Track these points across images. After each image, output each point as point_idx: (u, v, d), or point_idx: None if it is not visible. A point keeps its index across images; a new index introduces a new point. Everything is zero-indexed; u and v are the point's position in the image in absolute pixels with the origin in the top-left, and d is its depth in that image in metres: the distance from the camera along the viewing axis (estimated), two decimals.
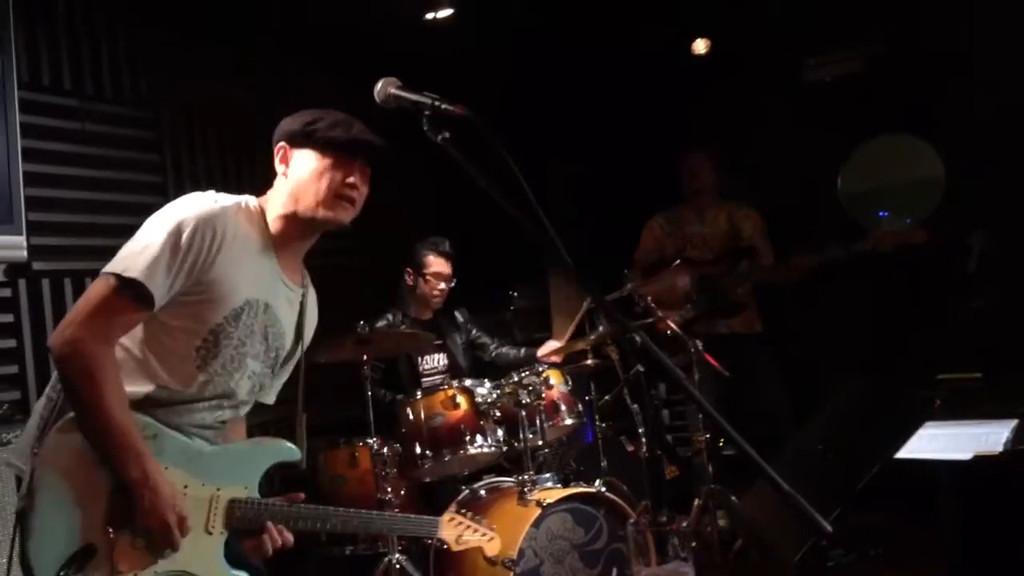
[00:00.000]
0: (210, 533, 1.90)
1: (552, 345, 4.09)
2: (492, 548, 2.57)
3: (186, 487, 1.87)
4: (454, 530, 2.48)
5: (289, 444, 2.06)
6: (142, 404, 1.83)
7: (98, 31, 3.70)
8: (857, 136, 4.99)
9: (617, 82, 5.21)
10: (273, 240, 1.99)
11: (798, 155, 4.79)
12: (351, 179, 1.96)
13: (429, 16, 4.68)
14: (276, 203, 2.00)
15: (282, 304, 2.03)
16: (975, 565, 2.37)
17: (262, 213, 1.99)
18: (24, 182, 3.10)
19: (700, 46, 5.24)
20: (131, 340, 1.85)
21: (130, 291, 1.77)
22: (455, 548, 2.49)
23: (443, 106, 1.65)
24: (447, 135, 1.64)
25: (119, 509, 1.77)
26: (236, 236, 1.88)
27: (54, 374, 1.86)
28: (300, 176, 1.96)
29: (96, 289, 1.79)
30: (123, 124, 3.76)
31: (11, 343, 3.27)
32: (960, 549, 2.41)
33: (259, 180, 2.20)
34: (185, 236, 1.80)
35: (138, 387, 1.84)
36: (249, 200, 2.00)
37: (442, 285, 4.11)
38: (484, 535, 2.54)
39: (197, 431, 1.93)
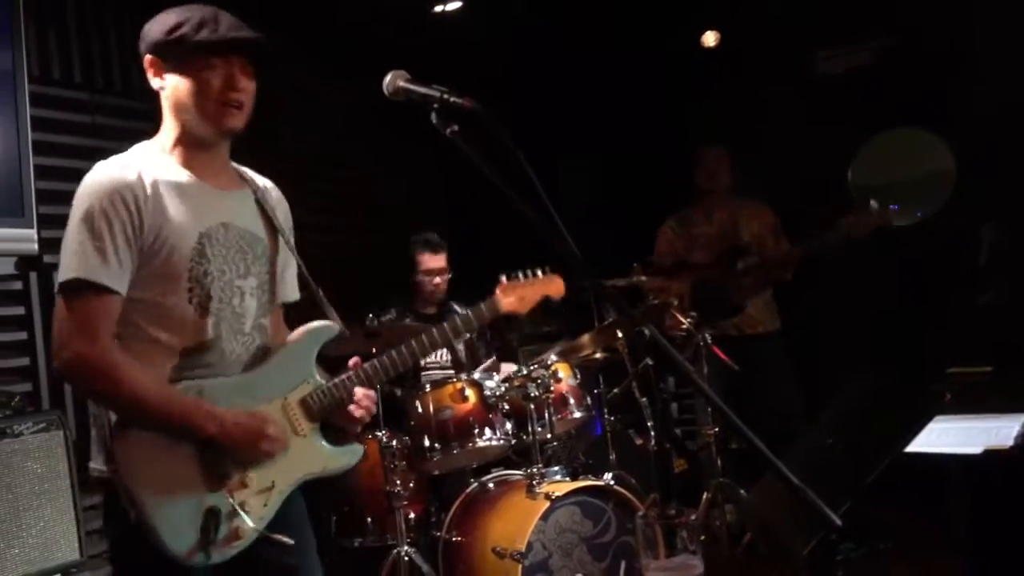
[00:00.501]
0: (304, 435, 1.96)
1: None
2: (556, 289, 2.48)
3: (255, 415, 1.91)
4: (513, 295, 2.45)
5: (321, 322, 2.05)
6: (176, 377, 1.85)
7: (108, 24, 3.70)
8: (867, 129, 4.96)
9: (626, 76, 5.20)
10: (183, 163, 1.90)
11: (808, 149, 4.76)
12: (235, 83, 1.87)
13: (437, 9, 4.67)
14: (167, 126, 1.91)
15: (236, 212, 1.96)
16: (986, 560, 2.36)
17: (161, 145, 1.92)
18: (35, 175, 3.11)
19: (710, 39, 5.23)
20: (131, 330, 1.84)
21: (90, 290, 1.76)
22: (523, 309, 2.44)
23: (452, 99, 1.65)
24: (456, 128, 1.63)
25: (214, 463, 1.83)
26: (149, 183, 1.82)
27: None
28: (178, 92, 1.87)
29: (60, 306, 1.79)
30: (134, 118, 3.76)
31: (22, 335, 3.28)
32: (970, 544, 2.40)
33: (269, 171, 2.20)
34: (101, 217, 1.77)
35: (164, 366, 1.85)
36: (145, 143, 1.93)
37: (436, 280, 4.11)
38: (546, 284, 2.48)
39: (235, 368, 1.93)
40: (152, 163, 1.87)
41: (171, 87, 1.88)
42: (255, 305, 1.97)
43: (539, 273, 2.60)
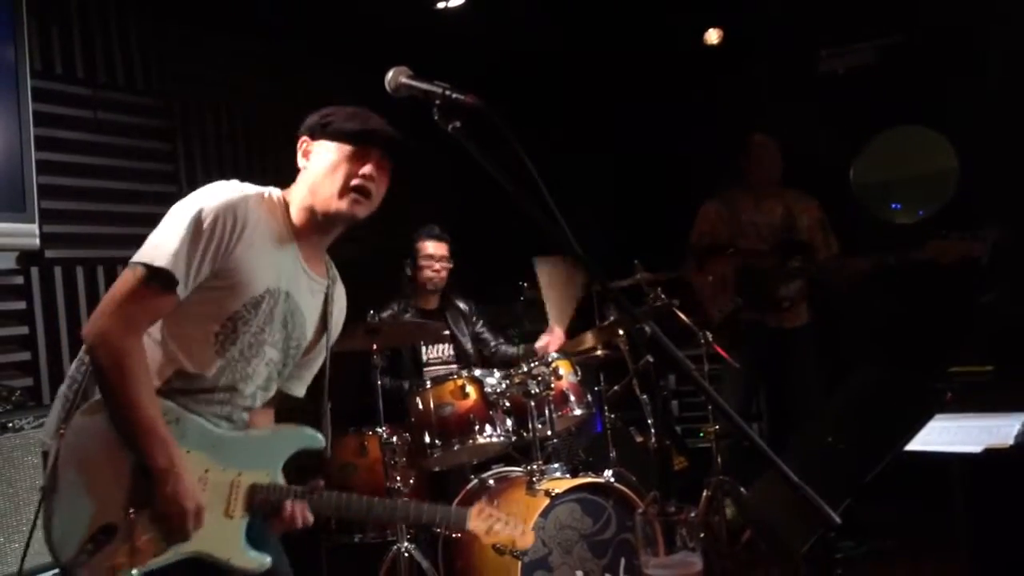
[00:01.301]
0: (231, 517, 1.92)
1: (547, 340, 4.06)
2: (524, 542, 2.50)
3: (207, 471, 1.89)
4: (484, 522, 2.38)
5: (312, 431, 2.05)
6: (164, 389, 1.86)
7: (111, 20, 3.70)
8: (870, 127, 4.96)
9: (628, 74, 5.20)
10: (294, 231, 1.99)
11: (811, 147, 4.76)
12: (365, 170, 1.94)
13: (440, 5, 4.67)
14: (297, 195, 2.00)
15: (304, 294, 2.02)
16: (986, 559, 2.36)
17: (285, 205, 2.00)
18: (37, 170, 3.12)
19: (712, 36, 5.22)
20: (154, 329, 1.87)
21: (157, 280, 1.79)
22: (486, 540, 2.43)
23: (454, 95, 1.64)
24: (458, 124, 1.63)
25: (140, 491, 1.80)
26: (257, 225, 1.89)
27: (79, 355, 1.89)
28: (317, 168, 1.97)
29: (124, 279, 1.81)
30: (135, 112, 3.77)
31: (24, 330, 3.29)
32: (970, 542, 2.40)
33: (271, 168, 2.21)
34: (207, 224, 1.81)
35: (159, 370, 1.86)
36: (273, 191, 2.00)
37: (436, 265, 4.12)
38: (517, 528, 2.46)
39: (215, 421, 1.94)
40: (270, 209, 1.96)
41: (313, 165, 1.98)
42: (264, 375, 2.00)
43: (520, 526, 2.42)
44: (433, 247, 4.13)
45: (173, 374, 1.87)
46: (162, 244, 1.80)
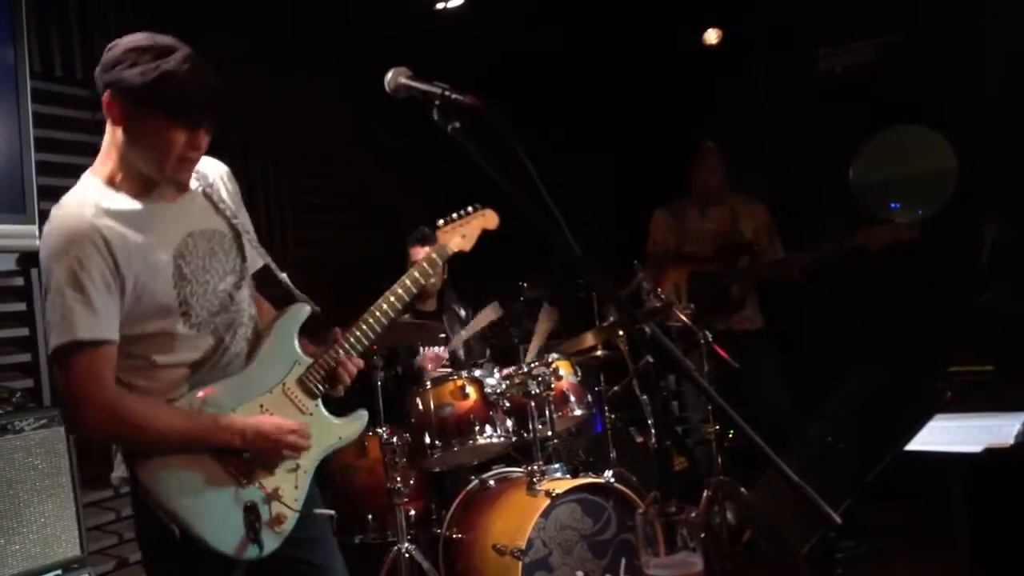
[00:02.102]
0: (311, 413, 2.05)
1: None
2: (490, 221, 2.64)
3: (262, 406, 1.97)
4: (455, 233, 2.58)
5: (294, 306, 2.11)
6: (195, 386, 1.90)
7: (110, 20, 3.70)
8: (869, 127, 4.95)
9: (628, 74, 5.19)
10: (135, 193, 1.86)
11: (809, 146, 4.76)
12: (194, 144, 1.84)
13: (440, 5, 4.67)
14: (111, 162, 1.86)
15: (195, 217, 1.95)
16: (986, 558, 2.36)
17: (111, 179, 1.86)
18: (36, 171, 3.11)
19: (711, 36, 5.22)
20: (140, 363, 1.86)
21: (87, 347, 1.76)
22: (467, 247, 2.58)
23: (453, 96, 1.64)
24: (457, 125, 1.63)
25: (238, 461, 1.89)
26: (110, 223, 1.79)
27: None
28: (140, 139, 1.82)
29: (61, 374, 1.79)
30: None
31: (24, 331, 3.28)
32: (970, 542, 2.40)
33: (271, 168, 2.20)
34: (79, 269, 1.74)
35: (182, 386, 1.89)
36: (89, 178, 1.87)
37: None
38: (477, 215, 2.62)
39: (233, 371, 1.97)
40: (104, 200, 1.83)
41: (133, 132, 1.82)
42: (241, 297, 2.01)
43: (470, 210, 2.69)
44: (421, 253, 4.11)
45: (191, 374, 1.90)
46: (64, 320, 1.74)
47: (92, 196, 1.83)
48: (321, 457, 2.05)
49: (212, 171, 2.08)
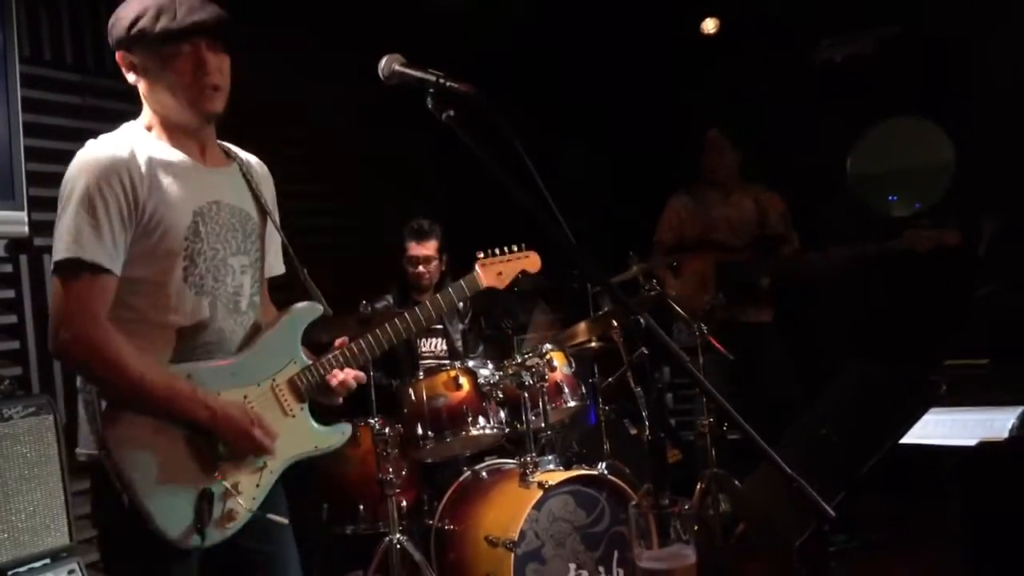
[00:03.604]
0: (294, 416, 2.00)
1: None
2: (532, 264, 2.60)
3: (246, 397, 1.93)
4: (493, 269, 2.54)
5: (306, 303, 2.09)
6: (176, 361, 1.86)
7: (100, 4, 3.66)
8: (868, 118, 4.94)
9: (626, 64, 5.16)
10: (174, 143, 1.91)
11: (808, 137, 4.74)
12: (203, 66, 1.84)
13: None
14: (153, 115, 1.92)
15: (226, 190, 1.97)
16: (980, 551, 2.36)
17: (148, 127, 1.93)
18: (25, 157, 3.08)
19: (709, 25, 5.19)
20: (131, 314, 1.84)
21: (87, 270, 1.76)
22: (501, 285, 2.53)
23: (448, 83, 1.62)
24: (452, 113, 1.61)
25: (207, 445, 1.85)
26: (143, 162, 1.82)
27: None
28: (153, 85, 1.88)
29: (55, 288, 1.79)
30: (125, 99, 3.70)
31: (12, 319, 3.25)
32: (965, 535, 2.39)
33: (264, 154, 2.18)
34: (97, 195, 1.76)
35: (165, 350, 1.86)
36: (132, 123, 1.93)
37: (420, 268, 4.08)
38: (519, 256, 2.59)
39: (224, 356, 1.94)
40: (143, 142, 1.88)
41: (145, 81, 1.89)
42: (248, 283, 1.99)
43: (515, 249, 2.69)
44: (416, 248, 4.09)
45: (178, 341, 1.86)
46: (72, 236, 1.75)
47: (131, 137, 1.87)
48: (291, 462, 2.00)
49: (258, 165, 2.14)
